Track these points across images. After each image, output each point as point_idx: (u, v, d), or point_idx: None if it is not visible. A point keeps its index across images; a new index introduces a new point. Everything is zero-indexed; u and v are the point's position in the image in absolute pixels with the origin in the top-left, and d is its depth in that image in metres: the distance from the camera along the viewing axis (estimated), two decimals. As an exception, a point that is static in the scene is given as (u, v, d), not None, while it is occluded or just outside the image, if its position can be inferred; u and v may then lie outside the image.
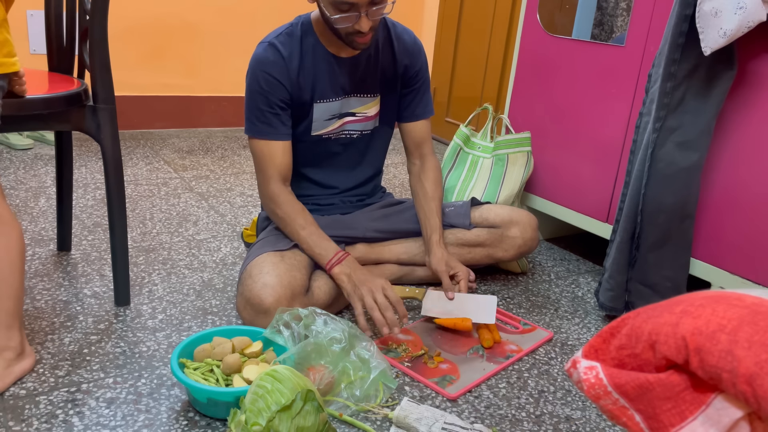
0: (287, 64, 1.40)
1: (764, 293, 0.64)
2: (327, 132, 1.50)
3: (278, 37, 1.42)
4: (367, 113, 1.52)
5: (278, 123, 1.42)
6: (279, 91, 1.40)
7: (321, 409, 0.97)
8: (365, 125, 1.54)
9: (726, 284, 1.48)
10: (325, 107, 1.46)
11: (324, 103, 1.46)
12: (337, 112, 1.49)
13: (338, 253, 1.39)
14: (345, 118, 1.50)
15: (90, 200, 2.04)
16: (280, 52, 1.40)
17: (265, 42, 1.42)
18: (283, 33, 1.43)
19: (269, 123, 1.41)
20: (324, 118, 1.48)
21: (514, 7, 2.78)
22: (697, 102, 1.40)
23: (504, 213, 1.62)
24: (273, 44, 1.40)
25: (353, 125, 1.52)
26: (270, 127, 1.41)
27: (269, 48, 1.40)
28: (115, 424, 1.05)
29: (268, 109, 1.40)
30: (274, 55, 1.39)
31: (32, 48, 2.63)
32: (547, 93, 1.87)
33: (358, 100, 1.50)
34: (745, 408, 0.58)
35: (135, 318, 1.38)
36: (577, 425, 1.17)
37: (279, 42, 1.41)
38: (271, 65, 1.39)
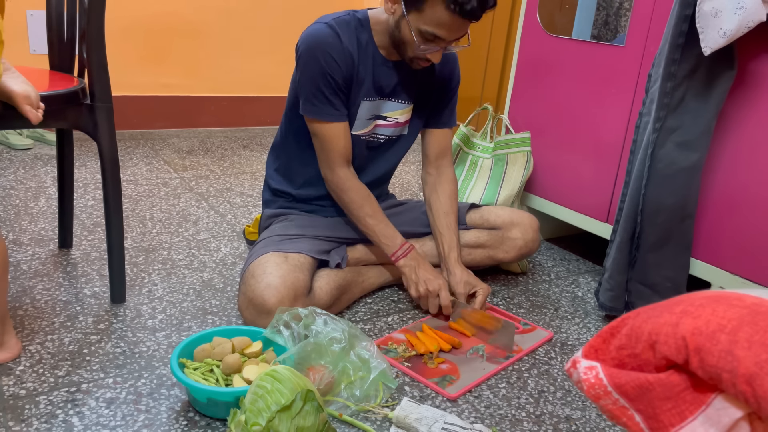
0: (345, 48, 1.35)
1: (764, 293, 0.64)
2: (363, 132, 1.48)
3: (336, 20, 1.37)
4: (397, 119, 1.51)
5: (339, 104, 1.38)
6: (338, 73, 1.35)
7: (321, 409, 0.97)
8: (393, 131, 1.53)
9: (726, 284, 1.48)
10: (368, 106, 1.44)
11: (369, 101, 1.44)
12: (374, 114, 1.47)
13: (404, 244, 1.44)
14: (377, 121, 1.49)
15: (90, 200, 2.04)
16: (338, 34, 1.35)
17: (321, 23, 1.36)
18: (341, 19, 1.38)
19: (332, 104, 1.37)
20: (366, 117, 1.46)
21: (514, 7, 2.78)
22: (697, 102, 1.40)
23: (505, 214, 1.62)
24: (331, 26, 1.35)
25: (383, 129, 1.51)
26: (333, 108, 1.37)
27: (327, 29, 1.35)
28: (115, 424, 1.05)
29: (328, 89, 1.35)
30: (333, 37, 1.34)
31: (32, 48, 2.63)
32: (547, 93, 1.87)
33: (392, 104, 1.48)
34: (745, 408, 0.58)
35: (135, 318, 1.38)
36: (577, 425, 1.17)
37: (337, 25, 1.36)
38: (331, 45, 1.34)
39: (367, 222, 1.44)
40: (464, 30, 1.29)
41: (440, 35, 1.27)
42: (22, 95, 1.11)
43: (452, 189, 1.58)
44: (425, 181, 1.60)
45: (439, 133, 1.58)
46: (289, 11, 3.12)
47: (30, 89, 1.13)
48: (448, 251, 1.52)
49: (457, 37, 1.30)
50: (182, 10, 2.90)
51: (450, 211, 1.55)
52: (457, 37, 1.29)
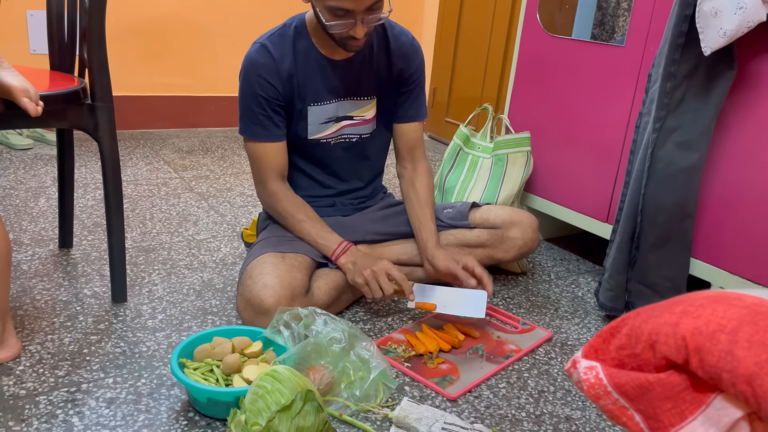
0: (278, 65, 1.39)
1: (764, 293, 0.64)
2: (325, 136, 1.49)
3: (270, 37, 1.41)
4: (364, 116, 1.51)
5: (271, 125, 1.42)
6: (271, 93, 1.39)
7: (321, 409, 0.97)
8: (363, 129, 1.53)
9: (726, 284, 1.48)
10: (319, 110, 1.45)
11: (318, 106, 1.45)
12: (333, 116, 1.48)
13: (341, 243, 1.42)
14: (342, 122, 1.49)
15: (90, 200, 2.04)
16: (271, 53, 1.38)
17: (257, 43, 1.40)
18: (276, 33, 1.41)
19: (262, 125, 1.41)
20: (319, 121, 1.47)
21: (514, 7, 2.78)
22: (697, 102, 1.40)
23: (504, 214, 1.62)
24: (264, 45, 1.39)
25: (351, 129, 1.51)
26: (263, 129, 1.42)
27: (261, 49, 1.39)
28: (115, 424, 1.05)
29: (260, 111, 1.40)
30: (265, 57, 1.38)
31: (32, 48, 2.63)
32: (547, 93, 1.87)
33: (353, 103, 1.49)
34: (745, 408, 0.58)
35: (135, 318, 1.38)
36: (577, 425, 1.17)
37: (270, 43, 1.39)
38: (262, 67, 1.38)
39: (303, 227, 1.43)
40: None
41: (346, 7, 1.24)
42: (21, 89, 1.10)
43: (428, 181, 1.57)
44: (401, 175, 1.60)
45: (410, 127, 1.56)
46: (288, 11, 3.12)
47: (28, 84, 1.12)
48: (426, 239, 1.49)
49: (367, 5, 1.26)
50: (182, 11, 2.90)
51: (428, 202, 1.54)
52: (365, 5, 1.25)
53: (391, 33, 1.48)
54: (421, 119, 1.58)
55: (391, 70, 1.50)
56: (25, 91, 1.11)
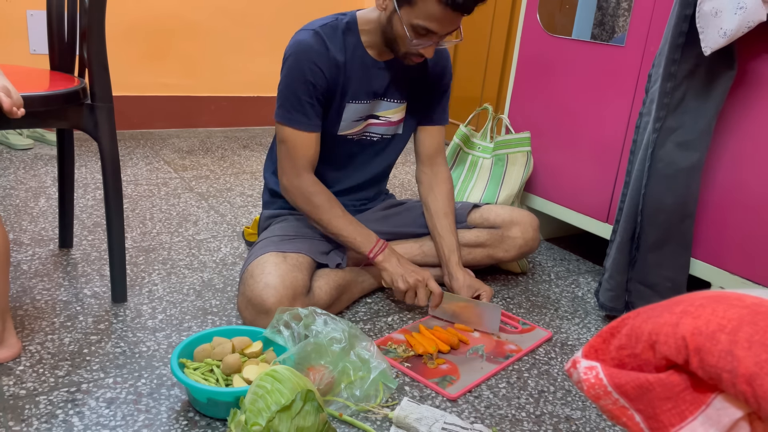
0: (330, 54, 1.36)
1: (764, 293, 0.64)
2: (351, 132, 1.49)
3: (323, 27, 1.38)
4: (390, 118, 1.51)
5: (313, 114, 1.39)
6: (320, 81, 1.36)
7: (321, 409, 0.97)
8: (387, 130, 1.53)
9: (726, 284, 1.48)
10: (355, 108, 1.45)
11: (356, 104, 1.44)
12: (365, 114, 1.48)
13: (379, 241, 1.43)
14: (369, 120, 1.49)
15: (90, 200, 2.04)
16: (325, 42, 1.36)
17: (309, 30, 1.37)
18: (328, 25, 1.39)
19: (305, 113, 1.38)
20: (353, 119, 1.46)
21: (514, 7, 2.78)
22: (697, 102, 1.40)
23: (505, 213, 1.62)
24: (318, 33, 1.36)
25: (376, 128, 1.51)
26: (305, 117, 1.38)
27: (315, 36, 1.36)
28: (115, 424, 1.05)
29: (306, 98, 1.36)
30: (320, 44, 1.35)
31: (32, 48, 2.63)
32: (547, 93, 1.87)
33: (385, 104, 1.49)
34: (745, 408, 0.58)
35: (135, 318, 1.38)
36: (577, 425, 1.17)
37: (324, 32, 1.37)
38: (316, 53, 1.35)
39: (339, 222, 1.42)
40: (456, 24, 1.29)
41: (432, 29, 1.27)
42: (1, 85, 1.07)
43: (449, 188, 1.58)
44: (420, 180, 1.60)
45: (432, 131, 1.57)
46: (288, 11, 3.12)
47: (10, 86, 1.09)
48: (448, 255, 1.52)
49: (449, 30, 1.30)
50: (182, 11, 2.90)
51: (449, 212, 1.55)
52: (449, 30, 1.29)
53: None
54: (444, 124, 1.59)
55: (426, 77, 1.51)
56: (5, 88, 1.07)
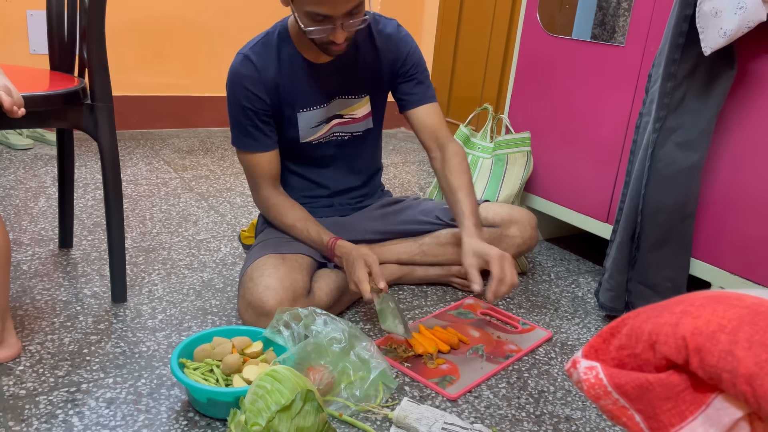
0: (262, 75, 1.37)
1: (764, 293, 0.64)
2: (316, 138, 1.49)
3: (254, 47, 1.39)
4: (354, 114, 1.50)
5: (261, 135, 1.41)
6: (257, 104, 1.38)
7: (321, 409, 0.97)
8: (356, 126, 1.52)
9: (726, 284, 1.48)
10: (309, 116, 1.45)
11: (307, 111, 1.44)
12: (324, 117, 1.47)
13: (328, 243, 1.40)
14: (333, 121, 1.49)
15: (90, 200, 2.04)
16: (254, 63, 1.37)
17: (240, 54, 1.39)
18: (259, 43, 1.40)
19: (252, 136, 1.41)
20: (310, 126, 1.46)
21: (514, 7, 2.78)
22: (697, 102, 1.40)
23: (503, 212, 1.62)
24: (247, 56, 1.38)
25: (342, 128, 1.51)
26: (253, 140, 1.41)
27: (244, 60, 1.38)
28: (115, 424, 1.05)
29: (248, 122, 1.39)
30: (248, 68, 1.37)
31: (32, 48, 2.63)
32: (547, 93, 1.87)
33: (342, 102, 1.48)
34: (745, 408, 0.58)
35: (135, 318, 1.38)
36: (577, 425, 1.17)
37: (254, 53, 1.38)
38: (246, 78, 1.37)
39: (294, 231, 1.43)
40: (348, 4, 1.23)
41: (324, 12, 1.23)
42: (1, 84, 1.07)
43: (459, 162, 1.50)
44: (434, 167, 1.54)
45: (419, 112, 1.52)
46: (288, 11, 3.12)
47: (10, 85, 1.09)
48: (460, 221, 1.44)
49: (344, 11, 1.24)
50: (182, 11, 2.90)
51: (460, 186, 1.47)
52: (343, 11, 1.23)
53: (375, 28, 1.46)
54: (429, 101, 1.52)
55: (380, 65, 1.48)
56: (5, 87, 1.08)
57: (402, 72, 1.50)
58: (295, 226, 1.44)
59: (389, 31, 1.48)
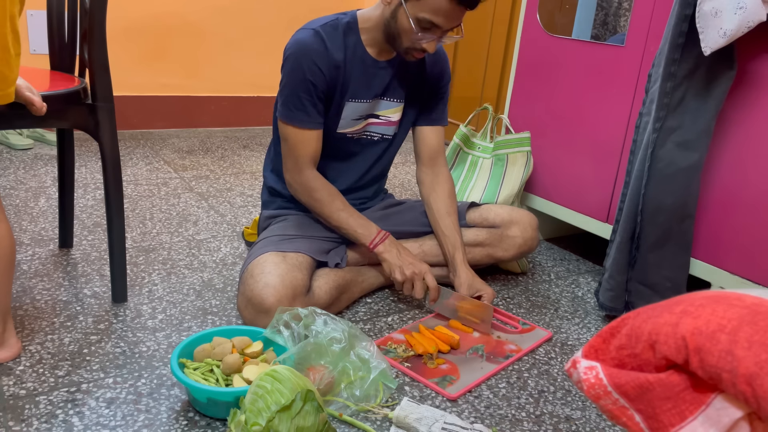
0: (329, 54, 1.38)
1: (764, 293, 0.64)
2: (351, 131, 1.50)
3: (323, 26, 1.39)
4: (390, 118, 1.52)
5: (314, 112, 1.41)
6: (320, 81, 1.38)
7: (321, 409, 0.97)
8: (387, 129, 1.54)
9: (726, 284, 1.48)
10: (355, 107, 1.46)
11: (356, 102, 1.45)
12: (365, 113, 1.48)
13: (380, 232, 1.44)
14: (369, 119, 1.50)
15: (90, 200, 2.04)
16: (324, 41, 1.37)
17: (309, 29, 1.38)
18: (329, 24, 1.40)
19: (306, 111, 1.40)
20: (352, 117, 1.47)
21: (514, 7, 2.78)
22: (697, 102, 1.40)
23: (504, 213, 1.62)
24: (318, 33, 1.38)
25: (376, 128, 1.52)
26: (307, 116, 1.40)
27: (315, 35, 1.37)
28: (115, 424, 1.05)
29: (307, 97, 1.38)
30: (319, 44, 1.37)
31: (32, 48, 2.63)
32: (547, 93, 1.87)
33: (385, 103, 1.50)
34: (745, 408, 0.58)
35: (135, 318, 1.38)
36: (577, 425, 1.17)
37: (324, 32, 1.38)
38: (315, 53, 1.36)
39: (340, 216, 1.44)
40: (460, 18, 1.31)
41: (437, 23, 1.29)
42: (25, 85, 1.13)
43: (450, 188, 1.59)
44: (422, 181, 1.61)
45: (432, 131, 1.58)
46: (288, 11, 3.12)
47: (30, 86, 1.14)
48: (453, 252, 1.52)
49: (453, 25, 1.32)
50: (182, 10, 2.90)
51: (451, 211, 1.56)
52: (453, 25, 1.31)
53: None
54: (443, 124, 1.60)
55: (424, 78, 1.52)
56: (29, 88, 1.13)
57: (438, 89, 1.55)
58: (344, 210, 1.45)
59: (439, 49, 1.52)
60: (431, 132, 1.58)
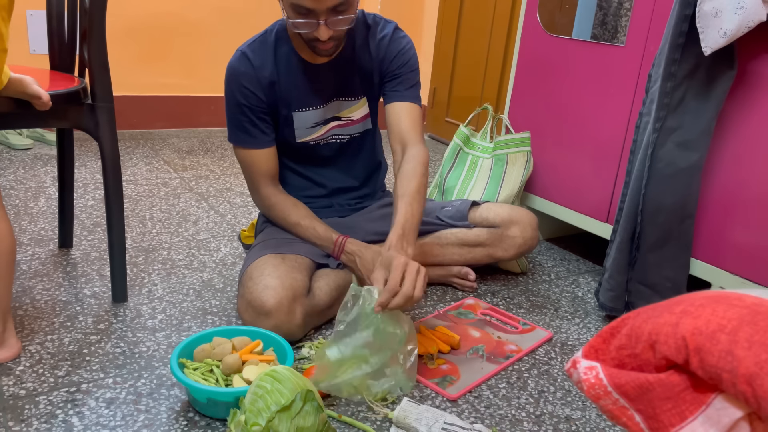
0: (258, 73, 1.38)
1: (764, 293, 0.64)
2: (314, 138, 1.49)
3: (251, 45, 1.40)
4: (352, 117, 1.50)
5: (258, 132, 1.42)
6: (253, 101, 1.39)
7: (321, 409, 0.97)
8: (354, 129, 1.52)
9: (726, 284, 1.48)
10: (305, 116, 1.45)
11: (303, 111, 1.44)
12: (321, 119, 1.47)
13: (338, 239, 1.41)
14: (331, 123, 1.49)
15: (90, 200, 2.04)
16: (250, 61, 1.38)
17: (238, 51, 1.40)
18: (257, 41, 1.41)
19: (248, 133, 1.41)
20: (306, 126, 1.46)
21: (514, 7, 2.78)
22: (697, 102, 1.40)
23: (504, 212, 1.62)
24: (245, 53, 1.38)
25: (341, 130, 1.51)
26: (250, 137, 1.42)
27: (241, 57, 1.38)
28: (114, 424, 1.05)
29: (245, 119, 1.40)
30: (245, 65, 1.38)
31: (32, 48, 2.63)
32: (547, 93, 1.87)
33: (340, 104, 1.48)
34: (745, 408, 0.58)
35: (135, 318, 1.38)
36: (577, 425, 1.17)
37: (251, 50, 1.39)
38: (243, 75, 1.38)
39: (299, 230, 1.44)
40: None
41: (306, 5, 1.22)
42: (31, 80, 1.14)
43: (414, 166, 1.36)
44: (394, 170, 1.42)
45: (392, 108, 1.45)
46: (289, 11, 3.12)
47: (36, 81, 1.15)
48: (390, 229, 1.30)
49: (329, 5, 1.22)
50: (182, 10, 2.90)
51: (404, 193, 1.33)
52: (327, 5, 1.22)
53: (374, 31, 1.46)
54: (407, 100, 1.45)
55: (373, 66, 1.47)
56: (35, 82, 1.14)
57: (389, 70, 1.47)
58: (300, 224, 1.44)
59: (386, 32, 1.47)
60: (395, 109, 1.45)
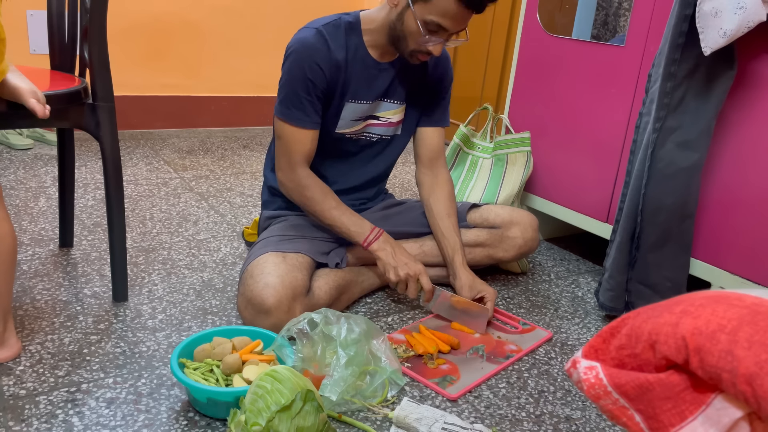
0: (331, 53, 1.38)
1: (764, 293, 0.64)
2: (350, 132, 1.50)
3: (326, 26, 1.39)
4: (390, 119, 1.52)
5: (312, 111, 1.40)
6: (320, 80, 1.38)
7: (321, 409, 0.97)
8: (386, 131, 1.54)
9: (726, 284, 1.48)
10: (355, 108, 1.46)
11: (355, 103, 1.45)
12: (365, 114, 1.48)
13: (374, 229, 1.43)
14: (368, 120, 1.50)
15: (90, 200, 2.04)
16: (327, 41, 1.37)
17: (311, 28, 1.38)
18: (331, 24, 1.40)
19: (304, 110, 1.39)
20: (352, 118, 1.47)
21: (514, 7, 2.78)
22: (697, 102, 1.40)
23: (504, 213, 1.62)
24: (321, 32, 1.37)
25: (375, 129, 1.52)
26: (304, 115, 1.40)
27: (317, 34, 1.37)
28: (115, 424, 1.05)
29: (306, 96, 1.38)
30: (322, 43, 1.37)
31: (32, 48, 2.63)
32: (547, 93, 1.87)
33: (386, 104, 1.50)
34: (745, 408, 0.58)
35: (135, 318, 1.38)
36: (577, 425, 1.17)
37: (327, 31, 1.38)
38: (317, 52, 1.36)
39: (333, 214, 1.43)
40: (466, 22, 1.32)
41: (444, 26, 1.29)
42: (29, 90, 1.13)
43: (450, 190, 1.59)
44: (421, 182, 1.60)
45: (432, 132, 1.58)
46: (289, 11, 3.12)
47: (35, 88, 1.15)
48: (452, 254, 1.52)
49: (460, 28, 1.32)
50: (182, 10, 2.90)
51: (451, 213, 1.55)
52: (459, 28, 1.32)
53: None
54: (444, 125, 1.60)
55: (426, 79, 1.52)
56: (34, 93, 1.13)
57: (439, 90, 1.55)
58: (336, 208, 1.43)
59: (445, 54, 1.52)
60: (432, 133, 1.58)
